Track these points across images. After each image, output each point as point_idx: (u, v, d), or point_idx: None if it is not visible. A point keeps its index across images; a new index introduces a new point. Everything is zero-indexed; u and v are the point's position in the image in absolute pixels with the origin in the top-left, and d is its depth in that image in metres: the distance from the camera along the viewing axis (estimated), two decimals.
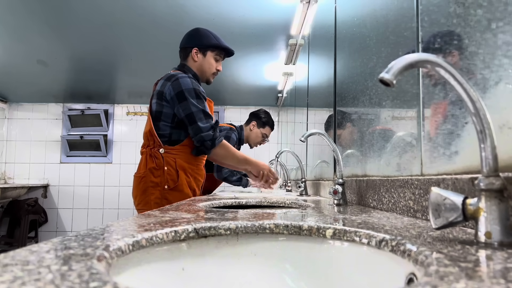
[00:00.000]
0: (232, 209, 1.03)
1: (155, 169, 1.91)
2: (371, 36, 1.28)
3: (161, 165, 1.90)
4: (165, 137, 1.93)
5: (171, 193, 1.90)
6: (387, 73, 0.49)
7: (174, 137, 1.94)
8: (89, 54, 3.87)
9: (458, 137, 0.74)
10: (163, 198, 1.89)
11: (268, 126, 3.23)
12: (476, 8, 0.69)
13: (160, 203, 1.87)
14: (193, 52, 2.03)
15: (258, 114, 3.25)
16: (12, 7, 2.91)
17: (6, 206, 5.05)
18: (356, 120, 1.50)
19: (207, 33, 2.07)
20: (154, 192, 1.90)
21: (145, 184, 1.92)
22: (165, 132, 1.93)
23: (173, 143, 1.94)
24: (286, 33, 3.23)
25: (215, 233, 0.64)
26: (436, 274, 0.33)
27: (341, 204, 1.24)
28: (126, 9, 2.92)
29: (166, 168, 1.90)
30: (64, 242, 0.47)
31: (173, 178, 1.91)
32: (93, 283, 0.30)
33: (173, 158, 1.92)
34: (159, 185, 1.90)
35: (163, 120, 1.92)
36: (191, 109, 1.86)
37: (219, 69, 2.09)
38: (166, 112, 1.92)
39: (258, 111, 3.27)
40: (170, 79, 1.93)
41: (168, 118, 1.92)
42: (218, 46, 2.05)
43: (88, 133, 5.46)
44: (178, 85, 1.89)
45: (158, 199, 1.89)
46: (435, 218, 0.50)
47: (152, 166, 1.91)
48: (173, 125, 1.93)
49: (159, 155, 1.91)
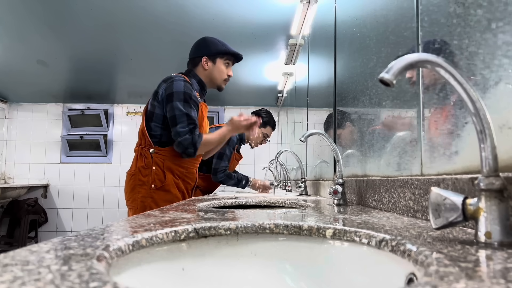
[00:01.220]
0: (232, 209, 1.03)
1: (143, 168, 1.92)
2: (371, 36, 1.28)
3: (150, 164, 1.92)
4: (156, 137, 1.94)
5: (157, 192, 1.91)
6: (387, 73, 0.49)
7: (164, 138, 1.94)
8: (89, 54, 3.87)
9: (458, 137, 0.74)
10: (148, 197, 1.90)
11: (269, 126, 3.23)
12: (476, 8, 0.69)
13: (145, 201, 1.90)
14: (203, 61, 2.04)
15: (260, 114, 3.25)
16: (12, 7, 2.91)
17: (6, 206, 5.05)
18: (356, 120, 1.50)
19: (214, 41, 2.08)
20: (141, 191, 1.91)
21: (134, 182, 1.94)
22: (156, 133, 1.94)
23: (164, 144, 1.95)
24: (286, 33, 3.22)
25: (215, 233, 0.64)
26: (436, 274, 0.33)
27: (341, 204, 1.24)
28: (126, 9, 2.92)
29: (154, 168, 1.91)
30: (64, 242, 0.47)
31: (160, 178, 1.92)
32: (93, 283, 0.30)
33: (161, 159, 1.93)
34: (146, 184, 1.91)
35: (154, 121, 1.94)
36: (174, 111, 1.87)
37: (230, 74, 2.10)
38: (157, 113, 1.93)
39: (260, 111, 3.26)
40: (167, 80, 1.95)
41: (159, 119, 1.93)
42: (227, 52, 2.06)
43: (88, 133, 5.46)
44: (170, 87, 1.91)
45: (144, 198, 1.91)
46: (435, 218, 0.50)
47: (141, 165, 1.93)
48: (163, 127, 1.94)
49: (148, 154, 1.93)
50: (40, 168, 5.46)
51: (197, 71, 2.07)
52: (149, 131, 1.95)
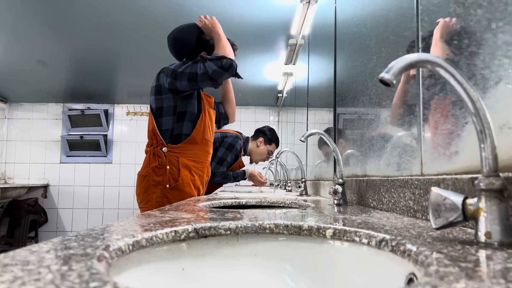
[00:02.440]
0: (232, 209, 1.03)
1: (157, 168, 1.91)
2: (371, 36, 1.28)
3: (164, 164, 1.91)
4: (167, 133, 1.94)
5: (171, 192, 1.90)
6: (387, 73, 0.49)
7: (176, 131, 1.94)
8: (89, 54, 3.87)
9: (458, 137, 0.74)
10: (164, 197, 1.90)
11: (274, 143, 3.33)
12: (476, 8, 0.69)
13: (161, 201, 1.88)
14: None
15: (265, 131, 3.33)
16: (12, 7, 2.91)
17: (6, 206, 5.05)
18: (356, 120, 1.50)
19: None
20: (156, 191, 1.90)
21: (147, 183, 1.92)
22: (167, 128, 1.93)
23: (176, 140, 1.94)
24: (286, 33, 3.22)
25: (215, 233, 0.64)
26: (436, 274, 0.33)
27: (341, 204, 1.24)
28: (126, 9, 2.92)
29: (169, 167, 1.90)
30: (64, 242, 0.47)
31: (175, 177, 1.91)
32: (93, 283, 0.30)
33: (176, 157, 1.92)
34: (160, 184, 1.90)
35: (165, 115, 1.93)
36: (189, 67, 1.86)
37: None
38: (166, 106, 1.93)
39: (264, 128, 3.37)
40: (163, 70, 1.97)
41: (169, 111, 1.93)
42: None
43: (88, 133, 5.46)
44: (169, 69, 1.92)
45: (160, 198, 1.89)
46: (435, 218, 0.50)
47: (155, 165, 1.92)
48: (175, 118, 1.93)
49: (162, 154, 1.92)
50: (40, 168, 5.46)
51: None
52: (160, 127, 1.94)
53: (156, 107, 1.95)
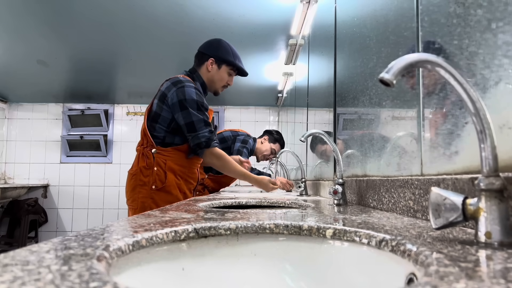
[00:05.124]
0: (232, 209, 1.03)
1: (145, 168, 1.92)
2: (371, 36, 1.28)
3: (151, 165, 1.91)
4: (158, 138, 1.94)
5: (158, 193, 1.91)
6: (387, 73, 0.49)
7: (168, 140, 1.95)
8: (89, 54, 3.87)
9: (458, 137, 0.74)
10: (149, 198, 1.90)
11: (278, 143, 3.39)
12: (476, 8, 0.69)
13: (146, 202, 1.89)
14: (209, 62, 2.06)
15: (271, 131, 3.45)
16: (12, 7, 2.91)
17: (6, 206, 5.05)
18: (356, 120, 1.50)
19: (227, 48, 2.10)
20: (142, 191, 1.91)
21: (135, 182, 1.94)
22: (159, 134, 1.94)
23: (166, 145, 1.95)
24: (286, 33, 3.23)
25: (215, 233, 0.64)
26: (436, 274, 0.33)
27: (341, 204, 1.24)
28: (126, 9, 2.92)
29: (156, 169, 1.91)
30: (64, 242, 0.47)
31: (161, 179, 1.92)
32: (93, 283, 0.30)
33: (163, 159, 1.93)
34: (146, 185, 1.91)
35: (160, 123, 1.94)
36: (192, 118, 1.89)
37: (230, 83, 2.14)
38: (164, 116, 1.93)
39: (272, 130, 3.48)
40: (176, 84, 1.94)
41: (165, 122, 1.93)
42: (234, 65, 2.09)
43: (88, 133, 5.46)
44: (182, 93, 1.91)
45: (145, 198, 1.90)
46: (435, 218, 0.50)
47: (143, 165, 1.93)
48: (168, 130, 1.94)
49: (150, 155, 1.92)
50: (40, 168, 5.46)
51: (200, 72, 2.08)
52: (151, 131, 1.94)
53: (154, 111, 1.96)
